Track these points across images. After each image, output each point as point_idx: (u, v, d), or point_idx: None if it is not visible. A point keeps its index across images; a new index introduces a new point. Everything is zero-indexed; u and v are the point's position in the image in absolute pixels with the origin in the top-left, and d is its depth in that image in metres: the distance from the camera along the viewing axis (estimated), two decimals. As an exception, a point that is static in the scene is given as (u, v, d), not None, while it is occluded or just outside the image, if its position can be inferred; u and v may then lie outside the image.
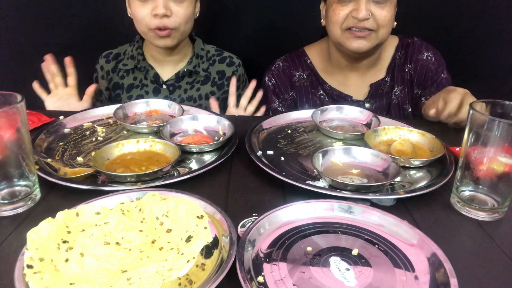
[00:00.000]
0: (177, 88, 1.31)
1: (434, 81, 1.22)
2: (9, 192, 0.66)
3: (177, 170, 0.79)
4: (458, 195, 0.69)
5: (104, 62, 1.34)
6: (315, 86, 1.27)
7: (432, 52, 1.23)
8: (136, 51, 1.31)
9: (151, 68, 1.30)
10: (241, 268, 0.50)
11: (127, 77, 1.33)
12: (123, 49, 1.36)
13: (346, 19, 1.09)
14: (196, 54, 1.31)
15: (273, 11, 1.56)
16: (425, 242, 0.56)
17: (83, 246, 0.51)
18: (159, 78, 1.31)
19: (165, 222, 0.56)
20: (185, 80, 1.32)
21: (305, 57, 1.29)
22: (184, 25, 1.19)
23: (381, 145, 0.88)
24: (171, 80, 1.31)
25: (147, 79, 1.32)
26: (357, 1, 1.06)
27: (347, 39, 1.11)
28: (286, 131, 0.97)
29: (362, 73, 1.25)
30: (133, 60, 1.31)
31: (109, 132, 0.96)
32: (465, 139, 0.67)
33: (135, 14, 1.17)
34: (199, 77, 1.33)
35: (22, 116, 0.64)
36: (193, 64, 1.30)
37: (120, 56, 1.34)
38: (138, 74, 1.32)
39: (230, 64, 1.35)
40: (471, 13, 1.52)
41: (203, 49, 1.34)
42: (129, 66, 1.32)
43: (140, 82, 1.32)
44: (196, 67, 1.31)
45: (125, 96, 1.32)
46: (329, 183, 0.73)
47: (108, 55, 1.35)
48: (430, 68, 1.21)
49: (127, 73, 1.33)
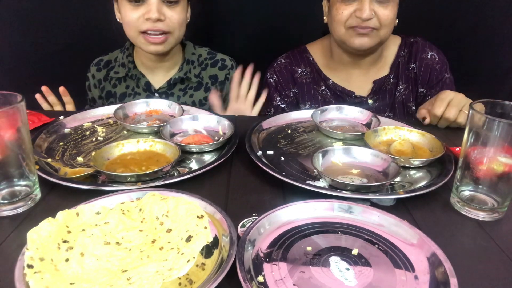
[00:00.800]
0: (170, 96, 1.29)
1: (439, 81, 1.22)
2: (9, 192, 0.66)
3: (177, 170, 0.79)
4: (458, 195, 0.69)
5: (95, 71, 1.31)
6: (317, 82, 1.27)
7: (436, 52, 1.23)
8: (126, 59, 1.28)
9: (142, 76, 1.28)
10: (241, 268, 0.50)
11: (119, 86, 1.30)
12: (113, 56, 1.33)
13: (350, 18, 1.09)
14: (186, 60, 1.28)
15: (274, 11, 1.56)
16: (425, 242, 0.56)
17: (83, 246, 0.51)
18: (151, 87, 1.28)
19: (165, 222, 0.56)
20: (178, 87, 1.30)
21: (307, 54, 1.29)
22: (179, 30, 1.16)
23: (381, 145, 0.88)
24: (163, 88, 1.28)
25: (139, 87, 1.29)
26: (361, 0, 1.07)
27: (350, 36, 1.12)
28: (286, 131, 0.98)
29: (365, 70, 1.25)
30: (124, 68, 1.28)
31: (109, 132, 0.96)
32: (465, 139, 0.67)
33: (125, 18, 1.13)
34: (192, 83, 1.30)
35: (22, 116, 0.64)
36: (184, 70, 1.27)
37: (111, 64, 1.32)
38: (130, 82, 1.30)
39: (222, 67, 1.32)
40: (471, 13, 1.53)
41: (194, 53, 1.31)
42: (120, 74, 1.29)
43: (132, 91, 1.30)
44: (188, 73, 1.28)
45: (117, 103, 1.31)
46: (329, 183, 0.73)
47: (99, 62, 1.32)
48: (435, 67, 1.22)
49: (119, 81, 1.30)
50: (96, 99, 1.33)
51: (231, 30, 1.58)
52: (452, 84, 1.24)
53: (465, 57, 1.53)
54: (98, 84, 1.32)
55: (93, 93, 1.33)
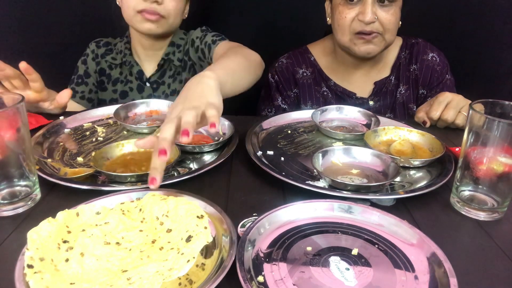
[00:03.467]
0: (161, 85, 1.31)
1: (439, 82, 1.23)
2: (9, 192, 0.66)
3: (177, 170, 0.79)
4: (457, 195, 0.69)
5: (94, 46, 1.33)
6: (319, 83, 1.28)
7: (437, 53, 1.23)
8: (124, 46, 1.31)
9: (136, 64, 1.30)
10: (241, 268, 0.50)
11: (114, 70, 1.32)
12: (113, 41, 1.35)
13: (353, 23, 1.09)
14: (172, 42, 1.29)
15: (276, 10, 1.56)
16: (424, 242, 0.57)
17: (83, 246, 0.51)
18: (143, 75, 1.30)
19: (165, 222, 0.56)
20: (167, 74, 1.31)
21: (309, 54, 1.29)
22: (174, 18, 1.18)
23: (381, 145, 0.88)
24: (154, 76, 1.30)
25: (132, 75, 1.32)
26: (363, 3, 1.07)
27: (355, 44, 1.12)
28: (286, 131, 0.98)
29: (366, 71, 1.25)
30: (121, 55, 1.31)
31: (109, 132, 0.96)
32: (465, 139, 0.67)
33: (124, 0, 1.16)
34: (177, 68, 1.31)
35: (22, 116, 0.64)
36: (167, 51, 1.28)
37: (110, 46, 1.34)
38: (124, 69, 1.32)
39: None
40: (471, 13, 1.53)
41: (183, 38, 1.30)
42: (117, 61, 1.32)
43: (125, 78, 1.32)
44: (170, 55, 1.28)
45: (110, 87, 1.32)
46: (329, 183, 0.73)
47: (98, 41, 1.34)
48: (435, 69, 1.22)
49: (115, 66, 1.33)
50: (91, 73, 1.32)
51: (232, 30, 1.58)
52: (453, 86, 1.25)
53: (465, 57, 1.52)
54: (95, 57, 1.33)
55: (90, 66, 1.32)
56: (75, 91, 1.31)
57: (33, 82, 0.95)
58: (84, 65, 1.33)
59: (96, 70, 1.33)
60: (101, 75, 1.33)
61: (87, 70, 1.33)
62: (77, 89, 1.32)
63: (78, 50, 1.38)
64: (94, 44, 1.34)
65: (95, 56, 1.33)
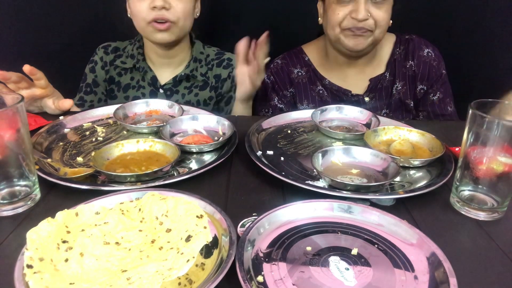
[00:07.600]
0: (175, 93, 1.30)
1: (438, 77, 1.23)
2: (9, 192, 0.66)
3: (177, 170, 0.79)
4: (457, 195, 0.69)
5: (102, 53, 1.32)
6: (314, 82, 1.28)
7: (431, 48, 1.24)
8: (136, 50, 1.29)
9: (150, 70, 1.29)
10: (241, 267, 0.50)
11: (124, 76, 1.31)
12: (122, 45, 1.34)
13: (345, 20, 1.10)
14: (194, 57, 1.30)
15: (272, 11, 1.56)
16: (424, 241, 0.56)
17: (82, 246, 0.51)
18: (157, 82, 1.29)
19: (165, 222, 0.56)
20: (183, 84, 1.30)
21: (303, 54, 1.30)
22: (183, 21, 1.18)
23: (380, 145, 0.88)
24: (169, 85, 1.29)
25: (144, 81, 1.30)
26: (356, 1, 1.07)
27: (345, 37, 1.13)
28: (286, 131, 0.98)
29: (361, 69, 1.26)
30: (133, 59, 1.29)
31: (109, 132, 0.96)
32: (465, 139, 0.67)
33: (134, 10, 1.16)
34: (197, 82, 1.31)
35: (22, 117, 0.64)
36: (191, 67, 1.29)
37: (119, 51, 1.32)
38: (136, 74, 1.31)
39: (227, 66, 1.33)
40: (471, 13, 1.52)
41: (203, 52, 1.32)
42: (127, 65, 1.30)
43: (137, 83, 1.31)
44: (194, 71, 1.29)
45: (121, 95, 1.31)
46: (328, 183, 0.73)
47: (106, 47, 1.33)
48: (432, 64, 1.23)
49: (125, 71, 1.31)
50: (99, 82, 1.31)
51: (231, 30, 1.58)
52: (446, 80, 1.25)
53: (465, 57, 1.53)
54: (104, 66, 1.32)
55: (98, 74, 1.31)
56: (84, 100, 1.31)
57: (38, 80, 1.02)
58: (93, 73, 1.32)
59: (105, 78, 1.32)
60: (110, 84, 1.32)
61: (96, 79, 1.31)
62: (86, 98, 1.31)
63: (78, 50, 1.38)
64: (102, 50, 1.32)
65: (104, 64, 1.31)
